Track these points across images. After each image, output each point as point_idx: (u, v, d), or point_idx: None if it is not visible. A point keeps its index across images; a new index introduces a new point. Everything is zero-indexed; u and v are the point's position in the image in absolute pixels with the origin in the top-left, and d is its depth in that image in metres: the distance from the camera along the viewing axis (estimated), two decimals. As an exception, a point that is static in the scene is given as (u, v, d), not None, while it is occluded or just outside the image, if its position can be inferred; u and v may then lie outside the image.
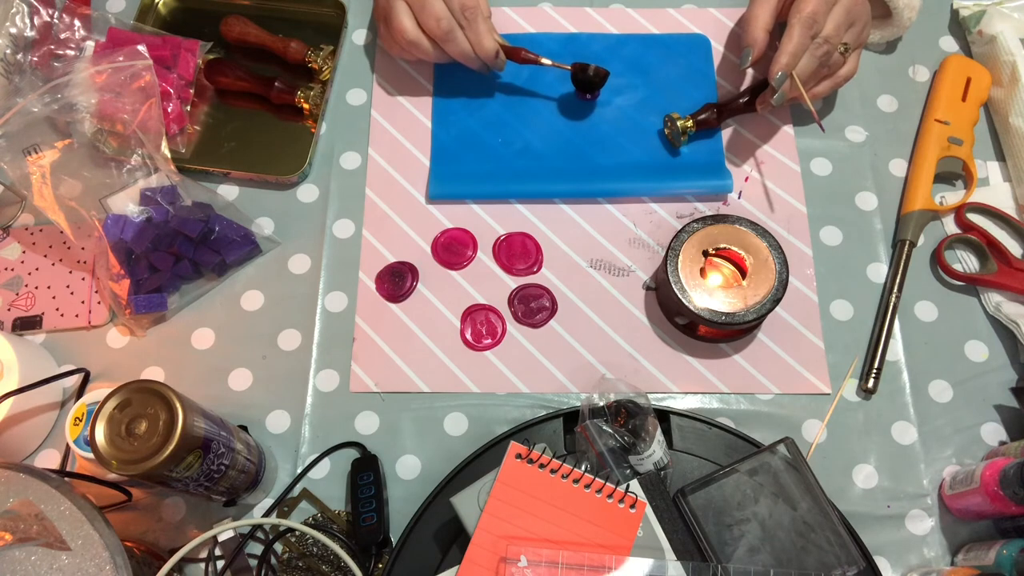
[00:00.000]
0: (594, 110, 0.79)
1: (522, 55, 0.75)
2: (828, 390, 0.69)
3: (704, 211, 0.76)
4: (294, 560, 0.64)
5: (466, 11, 0.71)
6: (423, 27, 0.73)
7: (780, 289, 0.66)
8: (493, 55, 0.74)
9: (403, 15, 0.73)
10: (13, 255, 0.75)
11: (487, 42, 0.73)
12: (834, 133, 0.79)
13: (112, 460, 0.51)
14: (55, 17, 0.79)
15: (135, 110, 0.72)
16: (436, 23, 0.72)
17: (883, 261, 0.74)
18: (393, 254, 0.75)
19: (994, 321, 0.72)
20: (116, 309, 0.72)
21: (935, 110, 0.78)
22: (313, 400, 0.70)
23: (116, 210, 0.70)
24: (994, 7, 0.81)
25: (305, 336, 0.72)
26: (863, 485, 0.66)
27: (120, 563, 0.49)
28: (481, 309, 0.72)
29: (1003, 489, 0.59)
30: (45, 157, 0.70)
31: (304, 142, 0.78)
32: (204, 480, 0.56)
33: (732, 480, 0.60)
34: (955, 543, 0.65)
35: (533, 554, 0.54)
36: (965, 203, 0.75)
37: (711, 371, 0.70)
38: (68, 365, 0.71)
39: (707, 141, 0.78)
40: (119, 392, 0.53)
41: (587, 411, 0.62)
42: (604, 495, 0.57)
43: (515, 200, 0.77)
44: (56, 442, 0.69)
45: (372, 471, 0.65)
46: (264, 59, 0.82)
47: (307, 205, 0.77)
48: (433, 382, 0.70)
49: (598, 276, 0.74)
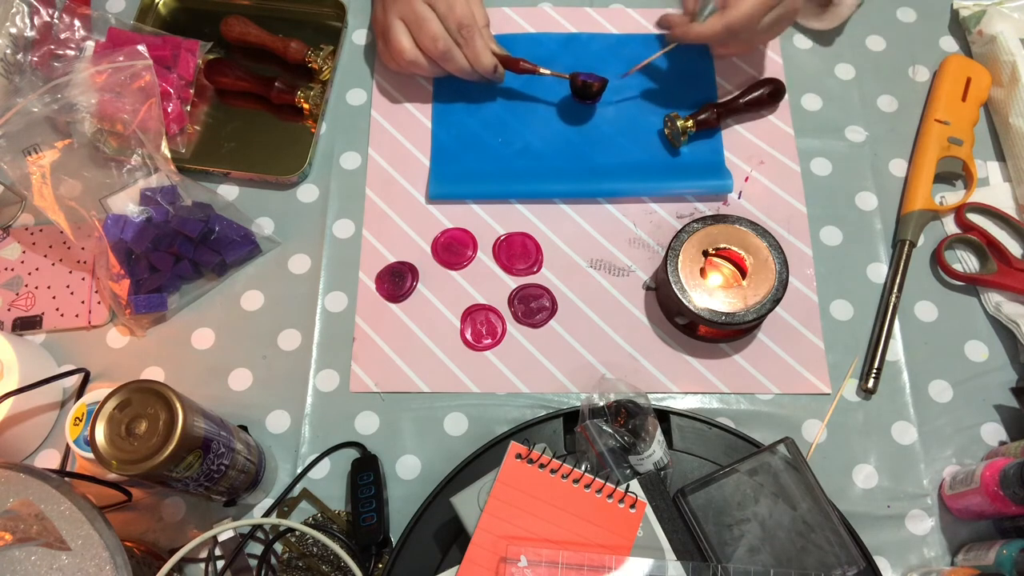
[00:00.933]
0: (594, 110, 0.79)
1: (520, 66, 0.75)
2: (828, 390, 0.69)
3: (704, 211, 0.76)
4: (294, 560, 0.64)
5: (463, 29, 0.72)
6: (420, 47, 0.73)
7: (780, 289, 0.66)
8: (491, 70, 0.74)
9: (401, 35, 0.73)
10: (13, 255, 0.75)
11: (485, 59, 0.73)
12: (834, 133, 0.79)
13: (112, 460, 0.51)
14: (55, 17, 0.79)
15: (135, 110, 0.72)
16: (433, 43, 0.72)
17: (883, 261, 0.74)
18: (393, 254, 0.75)
19: (994, 321, 0.72)
20: (116, 309, 0.72)
21: (935, 110, 0.78)
22: (313, 400, 0.70)
23: (116, 210, 0.70)
24: (994, 7, 0.81)
25: (305, 336, 0.72)
26: (863, 485, 0.66)
27: (120, 563, 0.49)
28: (481, 309, 0.72)
29: (1003, 489, 0.59)
30: (45, 157, 0.70)
31: (304, 142, 0.78)
32: (204, 480, 0.56)
33: (732, 480, 0.60)
34: (955, 543, 0.65)
35: (533, 554, 0.54)
36: (965, 203, 0.75)
37: (711, 371, 0.70)
38: (68, 365, 0.71)
39: (707, 141, 0.78)
40: (119, 392, 0.53)
41: (587, 411, 0.62)
42: (604, 495, 0.57)
43: (515, 200, 0.77)
44: (56, 442, 0.69)
45: (372, 471, 0.65)
46: (264, 59, 0.82)
47: (307, 205, 0.77)
48: (433, 382, 0.70)
49: (598, 276, 0.74)
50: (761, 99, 0.77)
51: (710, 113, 0.76)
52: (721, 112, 0.76)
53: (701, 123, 0.76)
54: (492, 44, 0.75)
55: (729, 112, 0.77)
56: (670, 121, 0.76)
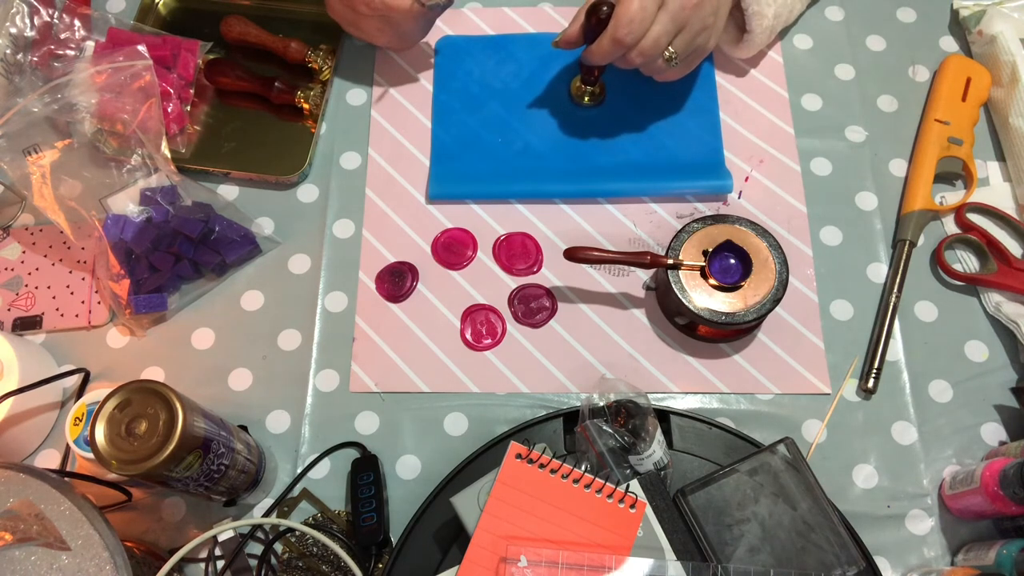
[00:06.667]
0: (594, 110, 0.79)
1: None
2: (828, 390, 0.69)
3: (704, 211, 0.76)
4: (294, 560, 0.64)
5: None
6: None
7: (780, 289, 0.66)
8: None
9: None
10: (13, 255, 0.75)
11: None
12: (834, 133, 0.79)
13: (112, 460, 0.51)
14: (55, 17, 0.79)
15: (135, 110, 0.72)
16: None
17: (883, 261, 0.74)
18: (393, 254, 0.75)
19: (994, 321, 0.72)
20: (116, 309, 0.72)
21: (935, 110, 0.78)
22: (313, 400, 0.70)
23: (116, 210, 0.70)
24: (994, 7, 0.81)
25: (305, 336, 0.72)
26: (863, 485, 0.66)
27: (120, 563, 0.49)
28: (481, 309, 0.72)
29: (1003, 489, 0.59)
30: (45, 157, 0.70)
31: (304, 142, 0.78)
32: (204, 480, 0.56)
33: (732, 480, 0.60)
34: (955, 543, 0.65)
35: (533, 554, 0.54)
36: (965, 203, 0.75)
37: (711, 371, 0.70)
38: (68, 365, 0.71)
39: (707, 141, 0.78)
40: (119, 392, 0.53)
41: (587, 411, 0.62)
42: (604, 495, 0.57)
43: (515, 200, 0.77)
44: (56, 442, 0.69)
45: (372, 471, 0.65)
46: (264, 59, 0.82)
47: (307, 205, 0.77)
48: (433, 382, 0.70)
49: (598, 276, 0.74)
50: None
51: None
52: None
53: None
54: None
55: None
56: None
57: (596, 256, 0.67)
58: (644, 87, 0.78)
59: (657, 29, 0.64)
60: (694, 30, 0.66)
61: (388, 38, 0.77)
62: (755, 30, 0.75)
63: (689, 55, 0.69)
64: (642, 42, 0.65)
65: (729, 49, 0.80)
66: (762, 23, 0.75)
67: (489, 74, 0.81)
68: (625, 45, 0.64)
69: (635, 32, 0.63)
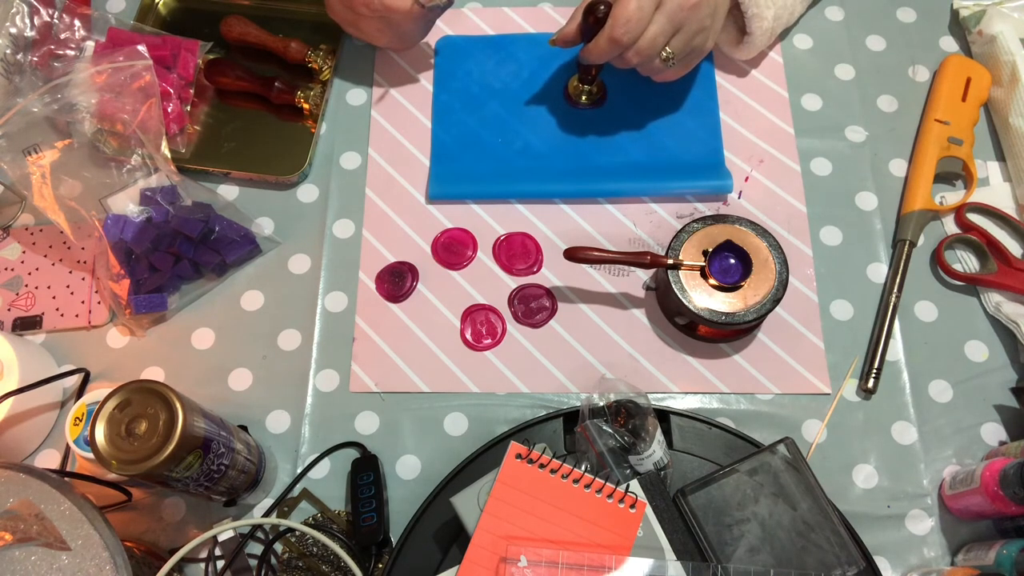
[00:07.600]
0: (595, 110, 0.79)
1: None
2: (828, 390, 0.69)
3: (704, 211, 0.76)
4: (294, 560, 0.64)
5: None
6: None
7: (780, 289, 0.66)
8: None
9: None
10: (13, 255, 0.75)
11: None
12: (834, 133, 0.79)
13: (112, 460, 0.51)
14: (55, 17, 0.79)
15: (135, 110, 0.72)
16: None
17: (883, 261, 0.74)
18: (393, 254, 0.75)
19: (994, 321, 0.72)
20: (116, 309, 0.72)
21: (935, 110, 0.78)
22: (313, 400, 0.70)
23: (116, 210, 0.70)
24: (994, 7, 0.81)
25: (305, 336, 0.72)
26: (863, 485, 0.66)
27: (120, 563, 0.49)
28: (481, 309, 0.72)
29: (1003, 489, 0.59)
30: (45, 157, 0.70)
31: (304, 142, 0.78)
32: (204, 480, 0.56)
33: (732, 480, 0.60)
34: (955, 543, 0.65)
35: (533, 554, 0.54)
36: (965, 203, 0.75)
37: (711, 371, 0.70)
38: (68, 365, 0.71)
39: (707, 141, 0.78)
40: (119, 392, 0.53)
41: (587, 411, 0.62)
42: (604, 495, 0.57)
43: (515, 200, 0.77)
44: (56, 442, 0.69)
45: (372, 471, 0.65)
46: (264, 59, 0.82)
47: (307, 205, 0.77)
48: (433, 382, 0.70)
49: (598, 276, 0.74)
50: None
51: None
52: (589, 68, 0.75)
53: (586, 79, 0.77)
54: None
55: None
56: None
57: (596, 256, 0.67)
58: (644, 87, 0.78)
59: (654, 29, 0.64)
60: (691, 31, 0.66)
61: (388, 38, 0.77)
62: (755, 32, 0.75)
63: (686, 56, 0.69)
64: (639, 42, 0.65)
65: (729, 50, 0.80)
66: (762, 25, 0.75)
67: (489, 74, 0.81)
68: (622, 44, 0.65)
69: (632, 32, 0.64)
